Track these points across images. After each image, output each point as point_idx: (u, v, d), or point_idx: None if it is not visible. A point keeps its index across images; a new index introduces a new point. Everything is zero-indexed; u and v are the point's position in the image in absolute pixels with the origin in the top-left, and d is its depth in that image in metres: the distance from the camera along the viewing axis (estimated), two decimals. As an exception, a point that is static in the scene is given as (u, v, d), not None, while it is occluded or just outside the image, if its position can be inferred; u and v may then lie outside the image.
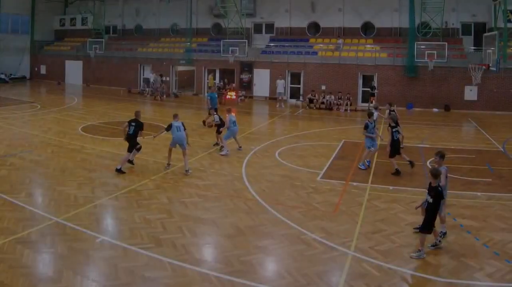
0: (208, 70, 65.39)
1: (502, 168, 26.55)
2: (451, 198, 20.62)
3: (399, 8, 60.36)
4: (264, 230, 16.74)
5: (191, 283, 12.80)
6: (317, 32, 65.98)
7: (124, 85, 68.89)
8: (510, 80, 50.46)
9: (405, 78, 54.28)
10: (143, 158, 26.63)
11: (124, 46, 72.73)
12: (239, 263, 14.04)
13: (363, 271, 13.77)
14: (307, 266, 13.96)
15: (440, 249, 15.45)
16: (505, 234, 16.66)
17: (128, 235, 15.82)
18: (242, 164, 26.24)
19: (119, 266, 13.51)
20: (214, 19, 70.71)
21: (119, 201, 19.42)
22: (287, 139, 33.30)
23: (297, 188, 22.08)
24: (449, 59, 52.24)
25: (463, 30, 59.84)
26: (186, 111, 48.65)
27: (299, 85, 60.02)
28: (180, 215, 17.95)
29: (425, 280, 13.45)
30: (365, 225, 17.42)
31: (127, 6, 78.08)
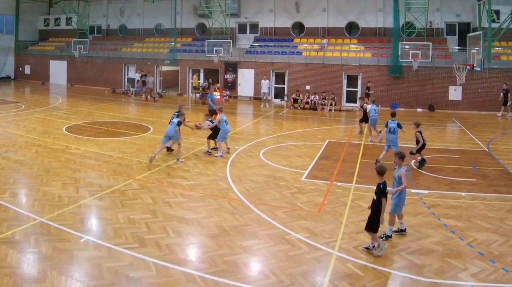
0: (193, 70, 65.43)
1: (487, 168, 26.65)
2: (436, 198, 20.85)
3: (384, 8, 60.58)
4: (249, 230, 16.72)
5: (175, 283, 12.78)
6: (302, 32, 66.15)
7: (108, 85, 68.82)
8: (495, 80, 50.75)
9: (389, 78, 54.46)
10: (127, 158, 26.64)
11: (108, 46, 72.40)
12: (223, 263, 14.04)
13: (347, 271, 13.79)
14: (292, 266, 13.98)
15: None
16: (489, 234, 16.72)
17: (112, 235, 15.78)
18: (226, 164, 26.23)
19: (104, 266, 13.48)
20: (198, 19, 70.61)
21: (104, 201, 19.36)
22: (272, 139, 33.31)
23: (282, 188, 22.08)
24: (434, 59, 52.54)
25: (448, 30, 60.18)
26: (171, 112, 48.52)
27: (283, 85, 60.09)
28: (164, 215, 17.93)
29: (409, 280, 13.47)
30: (349, 225, 17.45)
31: (112, 6, 77.96)
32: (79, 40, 72.22)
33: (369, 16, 62.14)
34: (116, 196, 19.99)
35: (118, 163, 25.67)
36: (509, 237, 16.41)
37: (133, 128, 36.02)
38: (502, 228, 17.38)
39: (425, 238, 16.36)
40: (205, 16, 65.35)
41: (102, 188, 20.99)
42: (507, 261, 14.52)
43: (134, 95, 61.78)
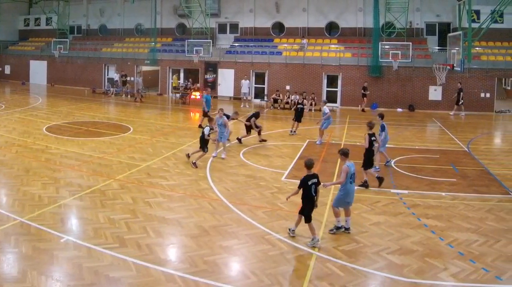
0: (173, 70, 65.32)
1: (467, 168, 26.81)
2: (416, 198, 20.98)
3: (364, 8, 60.84)
4: (229, 230, 16.73)
5: (155, 283, 12.78)
6: (282, 32, 66.21)
7: (88, 85, 68.52)
8: (475, 80, 51.12)
9: (369, 78, 54.48)
10: (107, 158, 26.59)
11: (88, 46, 72.09)
12: (203, 263, 14.05)
13: (327, 271, 13.83)
14: (272, 266, 14.01)
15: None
16: (469, 234, 16.81)
17: (92, 235, 15.74)
18: (206, 164, 26.19)
19: (84, 266, 13.45)
20: (178, 19, 70.42)
21: (84, 201, 19.29)
22: (252, 139, 33.23)
23: (262, 188, 22.13)
24: (414, 59, 52.79)
25: (428, 30, 60.50)
26: (151, 111, 48.54)
27: (263, 85, 60.21)
28: (144, 215, 17.91)
29: (389, 280, 13.53)
30: (329, 225, 17.41)
31: (92, 6, 77.53)
32: (59, 40, 71.80)
33: (349, 16, 62.28)
34: (96, 196, 19.93)
35: (98, 163, 25.62)
36: (489, 237, 16.51)
37: (113, 128, 35.91)
38: (482, 228, 17.48)
39: (405, 238, 16.43)
40: (185, 16, 65.16)
41: (82, 188, 20.93)
42: (487, 261, 14.60)
43: (114, 95, 61.57)
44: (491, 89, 51.71)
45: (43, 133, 33.17)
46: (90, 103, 53.23)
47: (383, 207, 19.65)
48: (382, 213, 18.90)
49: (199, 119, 37.10)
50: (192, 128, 38.21)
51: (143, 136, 33.33)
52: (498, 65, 51.20)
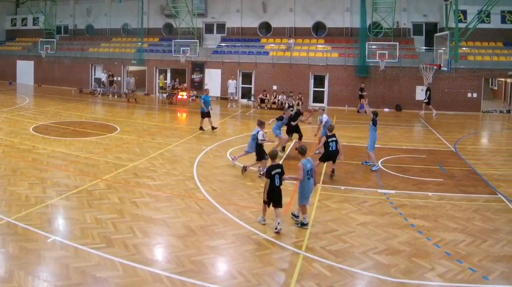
0: (159, 70, 65.26)
1: (454, 168, 26.89)
2: (403, 198, 21.02)
3: (351, 8, 61.10)
4: (216, 230, 16.70)
5: (142, 283, 12.75)
6: (269, 32, 66.44)
7: (75, 85, 68.25)
8: (462, 80, 51.38)
9: (356, 78, 54.69)
10: (94, 158, 26.54)
11: (75, 46, 71.97)
12: (190, 263, 14.01)
13: (314, 271, 13.81)
14: (259, 266, 14.01)
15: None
16: (456, 234, 16.84)
17: (79, 235, 15.68)
18: (193, 164, 26.19)
19: (71, 266, 13.40)
20: (165, 19, 70.42)
21: (71, 201, 19.21)
22: (239, 139, 33.21)
23: (249, 188, 22.15)
24: (401, 59, 52.98)
25: (415, 30, 60.87)
26: (137, 112, 48.49)
27: (250, 85, 60.33)
28: (131, 215, 17.86)
29: (376, 280, 13.52)
30: (316, 225, 17.51)
31: (78, 6, 77.33)
32: (46, 40, 71.58)
33: (336, 16, 62.54)
34: (83, 196, 19.85)
35: (85, 163, 25.54)
36: (476, 237, 16.54)
37: (100, 128, 35.83)
38: (469, 228, 17.51)
39: (392, 238, 16.44)
40: (172, 16, 65.10)
41: (69, 188, 20.84)
42: (473, 261, 14.62)
43: (101, 95, 61.47)
44: (478, 89, 51.96)
45: (30, 133, 33.03)
46: (77, 103, 53.08)
47: (370, 207, 19.67)
48: (369, 213, 18.92)
49: (199, 122, 36.67)
50: (178, 128, 38.28)
51: (130, 136, 33.28)
52: (485, 65, 51.43)
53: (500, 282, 13.41)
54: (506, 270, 14.07)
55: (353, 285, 13.35)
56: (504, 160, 29.74)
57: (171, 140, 31.86)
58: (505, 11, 54.96)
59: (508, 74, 51.98)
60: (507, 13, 55.22)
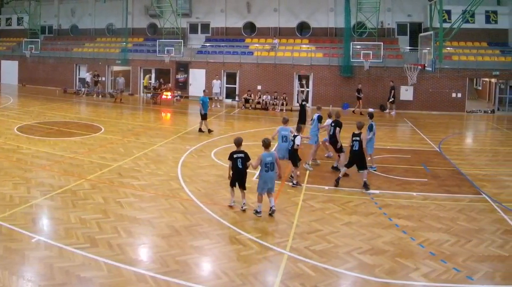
0: (144, 70, 65.12)
1: (438, 168, 27.01)
2: (387, 198, 21.16)
3: (335, 8, 61.18)
4: (200, 230, 16.70)
5: (126, 283, 12.73)
6: (253, 32, 66.43)
7: (59, 85, 67.91)
8: (446, 80, 51.63)
9: (340, 78, 54.95)
10: (78, 158, 26.48)
11: (59, 46, 71.61)
12: (174, 263, 14.00)
13: (298, 271, 13.82)
14: (243, 266, 14.00)
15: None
16: (440, 234, 16.90)
17: (63, 235, 15.63)
18: (177, 164, 26.21)
19: (55, 266, 13.35)
20: (150, 19, 70.33)
21: (55, 201, 19.16)
22: (223, 139, 33.22)
23: (233, 188, 21.99)
24: (385, 59, 53.33)
25: (399, 30, 61.20)
26: (122, 111, 48.38)
27: (235, 85, 60.32)
28: (115, 215, 17.83)
29: (361, 280, 13.53)
30: (300, 225, 17.54)
31: (63, 6, 76.99)
32: (31, 40, 71.28)
33: (320, 16, 62.65)
34: (68, 196, 19.81)
35: (70, 163, 25.47)
36: (460, 237, 16.62)
37: (84, 129, 35.74)
38: (453, 228, 17.59)
39: (376, 238, 16.50)
40: (157, 16, 65.07)
41: (54, 188, 20.78)
42: (458, 261, 14.69)
43: (86, 95, 61.33)
44: (462, 89, 52.22)
45: (14, 133, 32.89)
46: (61, 103, 52.92)
47: (355, 207, 19.72)
48: (353, 213, 18.96)
49: (200, 124, 36.44)
50: (163, 128, 38.34)
51: (114, 136, 33.22)
52: (469, 65, 51.74)
53: (485, 282, 13.49)
54: (491, 270, 14.13)
55: (338, 285, 13.36)
56: (488, 160, 29.90)
57: (155, 141, 31.87)
58: (489, 11, 55.35)
59: (492, 74, 52.17)
60: (492, 13, 55.59)
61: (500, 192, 22.48)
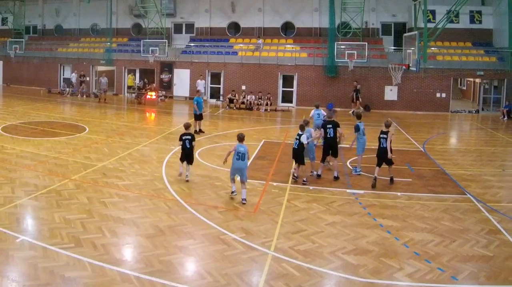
0: (128, 70, 64.98)
1: (422, 168, 27.14)
2: (372, 198, 21.24)
3: (319, 8, 61.32)
4: (184, 230, 16.68)
5: (111, 283, 12.67)
6: (237, 32, 66.33)
7: (44, 85, 67.66)
8: (430, 80, 51.89)
9: (325, 78, 55.01)
10: (63, 158, 26.41)
11: (44, 46, 71.26)
12: (159, 263, 13.97)
13: (283, 271, 13.81)
14: (227, 266, 13.97)
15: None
16: (425, 234, 16.93)
17: (48, 235, 15.56)
18: (162, 164, 26.18)
19: (39, 266, 13.29)
20: (134, 19, 70.10)
21: (39, 201, 19.08)
22: (207, 139, 33.22)
23: (217, 188, 22.13)
24: (369, 59, 53.23)
25: (383, 30, 61.38)
26: (106, 111, 48.31)
27: (219, 85, 60.18)
28: (100, 215, 17.76)
29: (345, 280, 13.53)
30: (285, 225, 17.54)
31: (47, 6, 76.50)
32: (15, 40, 70.91)
33: (305, 16, 62.75)
34: (52, 196, 19.73)
35: (54, 163, 25.40)
36: (444, 237, 16.66)
37: (69, 129, 35.66)
38: (437, 228, 17.62)
39: (360, 238, 16.51)
40: (141, 16, 64.94)
41: (38, 188, 20.70)
42: (442, 261, 14.72)
43: (70, 95, 61.22)
44: (446, 89, 52.52)
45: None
46: (45, 103, 52.77)
47: (339, 207, 19.75)
48: (337, 213, 18.98)
49: (193, 125, 36.16)
50: (147, 128, 38.36)
51: (98, 136, 33.16)
52: (453, 65, 52.08)
53: (469, 282, 13.52)
54: (475, 270, 14.16)
55: (322, 285, 13.38)
56: (472, 160, 29.99)
57: (140, 141, 31.86)
58: (473, 11, 55.71)
59: (476, 74, 52.48)
60: (476, 13, 55.91)
61: (485, 192, 22.56)
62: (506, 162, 30.44)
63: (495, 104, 54.26)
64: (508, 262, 14.72)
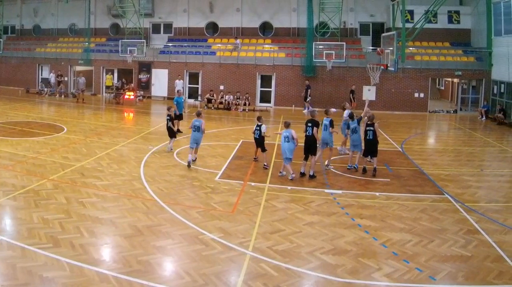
0: (106, 70, 64.66)
1: (400, 168, 27.25)
2: (350, 198, 21.33)
3: (297, 8, 61.29)
4: (163, 230, 16.65)
5: (89, 283, 12.61)
6: (216, 32, 66.28)
7: (22, 85, 67.18)
8: (408, 80, 52.16)
9: (303, 78, 54.84)
10: (41, 158, 26.29)
11: (22, 46, 70.80)
12: (137, 263, 13.93)
13: (261, 271, 13.82)
14: (206, 266, 13.96)
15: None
16: (403, 234, 16.98)
17: (26, 235, 15.48)
18: (140, 164, 26.13)
19: (17, 266, 13.23)
20: (112, 19, 69.73)
21: (17, 201, 18.98)
22: (185, 139, 33.03)
23: (196, 188, 22.13)
24: (348, 59, 53.38)
25: (362, 30, 61.53)
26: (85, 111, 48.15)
27: (197, 85, 60.11)
28: (78, 215, 17.68)
29: (323, 280, 13.55)
30: (263, 225, 17.56)
31: (25, 6, 75.96)
32: (-7, 40, 70.74)
33: (283, 16, 62.77)
34: (30, 196, 19.64)
35: (32, 162, 25.29)
36: (422, 237, 16.72)
37: (47, 128, 35.52)
38: (416, 228, 17.69)
39: (339, 238, 16.52)
40: (119, 16, 64.45)
41: (16, 188, 20.60)
42: (420, 261, 14.77)
43: (48, 95, 60.93)
44: (425, 89, 52.81)
45: (-24, 134, 32.65)
46: (24, 103, 52.50)
47: (317, 207, 19.79)
48: (316, 213, 19.03)
49: (176, 124, 36.05)
50: (125, 128, 38.29)
51: (77, 136, 33.05)
52: (432, 65, 52.36)
53: (447, 282, 13.60)
54: (453, 270, 14.24)
55: (300, 285, 13.40)
56: (451, 160, 30.16)
57: (118, 141, 31.82)
58: (451, 11, 55.98)
59: (455, 74, 52.71)
60: (454, 13, 56.19)
61: (463, 192, 22.68)
62: (484, 162, 30.64)
63: (473, 104, 54.62)
64: (486, 262, 14.77)
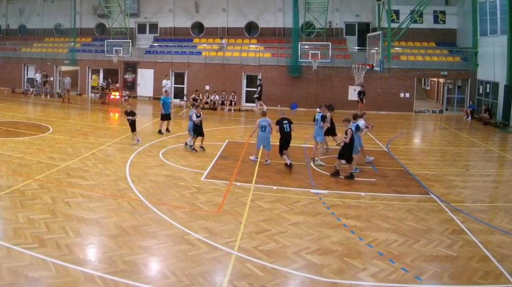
0: (92, 70, 64.68)
1: (386, 168, 27.29)
2: (335, 198, 21.33)
3: (283, 8, 61.54)
4: (148, 230, 16.61)
5: (74, 283, 12.57)
6: (201, 32, 66.38)
7: (8, 85, 67.01)
8: (394, 80, 52.36)
9: (289, 78, 55.23)
10: (26, 158, 26.22)
11: (7, 46, 70.48)
12: (122, 263, 13.88)
13: (247, 271, 13.80)
14: (191, 266, 13.93)
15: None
16: (389, 234, 16.99)
17: (12, 235, 15.43)
18: (126, 164, 26.08)
19: (3, 266, 13.17)
20: (98, 19, 69.71)
21: (3, 201, 18.91)
22: (171, 139, 33.17)
23: (181, 188, 22.08)
24: (333, 59, 53.67)
25: (347, 30, 61.93)
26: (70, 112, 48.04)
27: (183, 85, 60.14)
28: (64, 215, 17.61)
29: (309, 280, 13.54)
30: (248, 225, 17.53)
31: (11, 6, 75.65)
32: (-22, 41, 70.48)
33: (268, 16, 63.06)
34: (16, 196, 19.57)
35: (18, 162, 25.22)
36: (408, 237, 16.73)
37: (33, 128, 35.43)
38: (401, 228, 17.70)
39: (324, 238, 16.51)
40: (105, 16, 64.43)
41: (2, 188, 20.52)
42: (406, 261, 14.78)
43: (34, 95, 60.82)
44: (410, 89, 53.06)
45: (-39, 134, 32.54)
46: (9, 103, 52.40)
47: (303, 207, 19.80)
48: (301, 213, 19.03)
49: (159, 125, 36.01)
50: (111, 128, 38.36)
51: (62, 136, 32.98)
52: (417, 65, 52.67)
53: (432, 282, 13.61)
54: (439, 270, 14.26)
55: (286, 285, 13.38)
56: (436, 160, 30.27)
57: (103, 140, 31.78)
58: (437, 11, 56.32)
59: (440, 74, 52.93)
60: (440, 13, 56.51)
61: (448, 192, 22.75)
62: (470, 162, 30.75)
63: (458, 104, 54.87)
64: (471, 262, 14.81)
